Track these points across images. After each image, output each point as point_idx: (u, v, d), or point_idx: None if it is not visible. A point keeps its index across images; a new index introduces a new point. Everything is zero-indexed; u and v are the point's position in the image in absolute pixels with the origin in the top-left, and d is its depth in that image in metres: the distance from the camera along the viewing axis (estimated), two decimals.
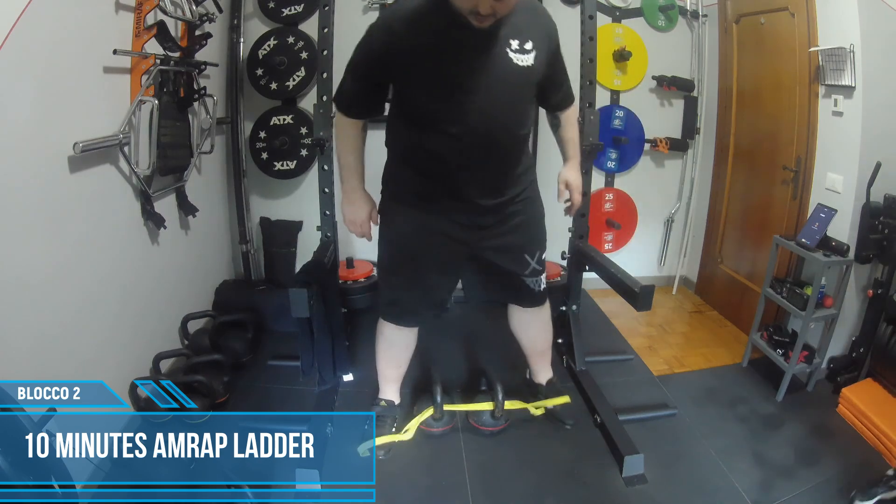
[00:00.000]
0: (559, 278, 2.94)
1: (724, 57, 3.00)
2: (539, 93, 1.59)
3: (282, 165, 2.87)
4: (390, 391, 1.95)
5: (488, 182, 1.54)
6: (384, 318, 1.81)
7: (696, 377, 2.44)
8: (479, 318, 2.78)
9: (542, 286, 1.84)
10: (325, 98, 2.17)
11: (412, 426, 1.90)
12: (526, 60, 1.41)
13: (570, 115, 1.75)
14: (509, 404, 1.96)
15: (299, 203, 3.01)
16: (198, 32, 2.26)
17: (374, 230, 1.72)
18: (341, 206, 1.69)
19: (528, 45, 1.42)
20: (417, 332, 1.88)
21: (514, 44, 1.40)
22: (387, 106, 1.58)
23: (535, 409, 2.02)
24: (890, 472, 1.70)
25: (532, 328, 1.98)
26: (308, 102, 2.82)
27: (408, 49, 1.35)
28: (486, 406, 1.95)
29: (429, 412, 1.93)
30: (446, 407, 1.94)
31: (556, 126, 1.76)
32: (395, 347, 1.86)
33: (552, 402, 2.01)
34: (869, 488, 1.67)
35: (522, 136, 1.57)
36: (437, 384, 1.92)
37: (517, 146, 1.56)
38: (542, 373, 2.08)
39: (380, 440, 1.83)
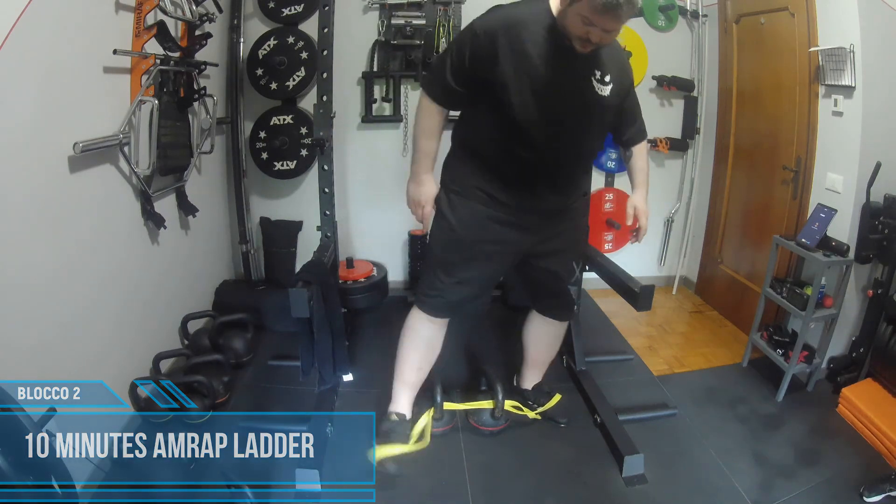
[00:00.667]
0: None
1: (724, 57, 3.00)
2: (614, 126, 1.67)
3: (282, 165, 2.87)
4: (403, 402, 1.85)
5: (552, 192, 1.60)
6: (422, 307, 1.75)
7: (696, 377, 2.44)
8: (481, 322, 2.78)
9: (576, 297, 1.89)
10: (325, 98, 2.17)
11: (425, 432, 1.83)
12: (604, 91, 1.48)
13: (641, 148, 1.77)
14: (509, 404, 1.96)
15: (299, 203, 3.01)
16: (198, 32, 2.26)
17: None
18: (407, 186, 1.68)
19: (607, 78, 1.48)
20: (444, 338, 1.84)
21: (598, 73, 1.46)
22: None
23: (528, 411, 2.03)
24: None
25: (546, 341, 2.01)
26: (308, 102, 2.82)
27: (512, 62, 1.39)
28: (486, 405, 1.95)
29: (430, 413, 1.93)
30: (446, 406, 1.94)
31: (628, 157, 1.79)
32: (422, 345, 1.79)
33: (549, 405, 2.03)
34: (877, 484, 1.68)
35: (588, 162, 1.75)
36: (437, 384, 1.92)
37: (586, 167, 1.74)
38: (531, 379, 2.09)
39: (390, 449, 1.74)
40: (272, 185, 2.99)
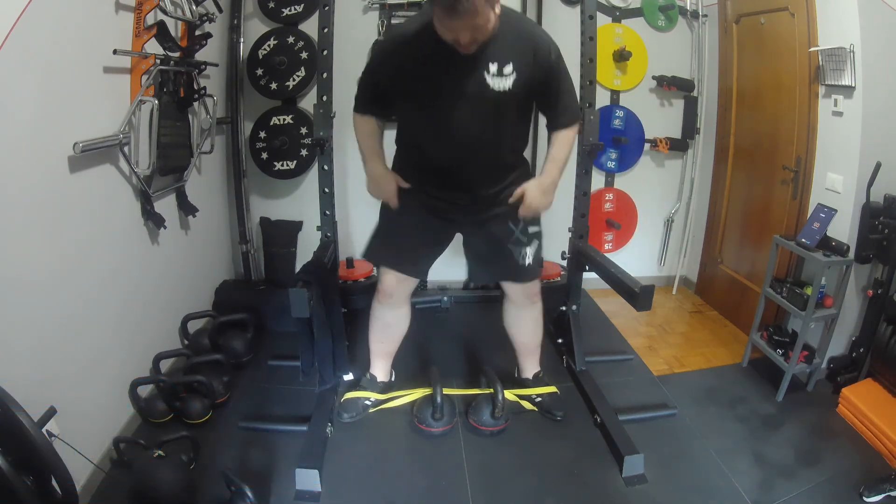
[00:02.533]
0: (559, 278, 2.95)
1: (724, 57, 3.00)
2: (537, 109, 1.71)
3: (282, 165, 2.87)
4: (379, 367, 2.09)
5: (472, 182, 1.71)
6: (369, 258, 1.95)
7: (696, 377, 2.44)
8: (477, 316, 2.79)
9: (527, 260, 1.85)
10: (325, 98, 2.17)
11: (401, 398, 2.04)
12: (503, 84, 1.51)
13: (563, 135, 1.71)
14: (509, 393, 1.99)
15: (299, 203, 3.01)
16: (198, 32, 2.26)
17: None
18: (367, 187, 1.84)
19: (508, 69, 1.50)
20: (409, 316, 2.03)
21: (493, 68, 1.49)
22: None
23: (525, 402, 2.06)
24: None
25: (524, 325, 2.04)
26: (308, 102, 2.82)
27: (399, 63, 1.55)
28: (485, 391, 1.97)
29: (421, 392, 1.98)
30: (445, 391, 1.97)
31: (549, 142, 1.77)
32: (382, 324, 2.00)
33: (540, 391, 2.07)
34: (877, 484, 1.69)
35: (506, 152, 1.71)
36: (436, 384, 1.92)
37: (501, 160, 1.71)
38: (530, 368, 2.12)
39: (357, 393, 2.03)
40: (272, 185, 2.99)
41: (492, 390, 1.93)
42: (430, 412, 1.92)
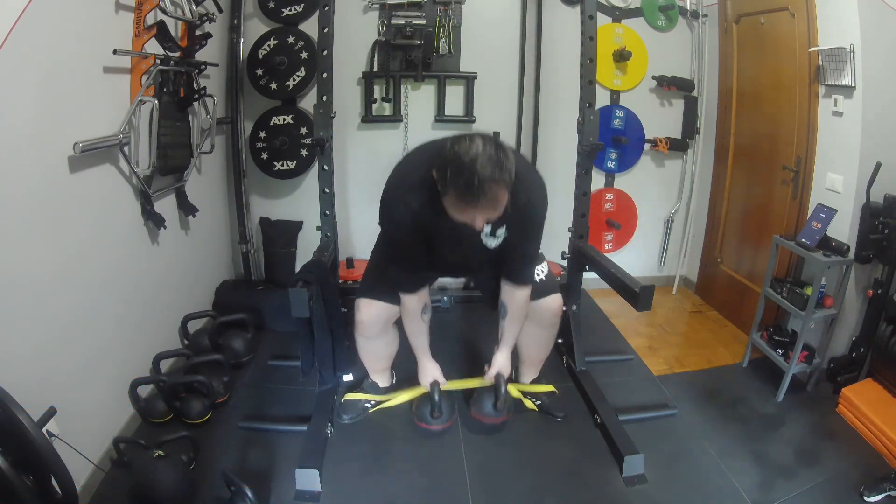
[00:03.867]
0: (559, 278, 2.94)
1: (724, 57, 3.00)
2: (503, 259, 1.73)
3: (282, 165, 2.87)
4: (379, 377, 2.12)
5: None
6: (364, 296, 1.87)
7: (696, 377, 2.44)
8: (477, 316, 2.79)
9: (539, 276, 1.85)
10: (325, 98, 2.17)
11: (399, 397, 2.03)
12: (494, 242, 1.64)
13: (519, 307, 1.77)
14: (511, 387, 1.98)
15: (299, 203, 3.01)
16: (198, 32, 2.26)
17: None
18: (420, 378, 1.95)
19: (500, 231, 1.62)
20: (397, 338, 2.01)
21: (487, 229, 1.59)
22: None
23: (527, 400, 2.06)
24: None
25: (531, 337, 1.98)
26: (308, 102, 2.82)
27: (417, 221, 1.53)
28: (485, 383, 1.94)
29: (420, 391, 1.97)
30: (446, 386, 1.96)
31: (503, 311, 1.80)
32: (369, 353, 2.02)
33: (538, 389, 2.07)
34: (877, 483, 1.69)
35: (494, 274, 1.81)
36: (435, 388, 1.91)
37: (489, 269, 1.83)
38: (529, 375, 2.11)
39: (358, 395, 2.05)
40: (272, 185, 2.99)
41: (492, 382, 1.90)
42: (429, 410, 1.91)
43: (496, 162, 1.26)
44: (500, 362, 1.88)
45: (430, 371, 1.93)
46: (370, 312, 1.84)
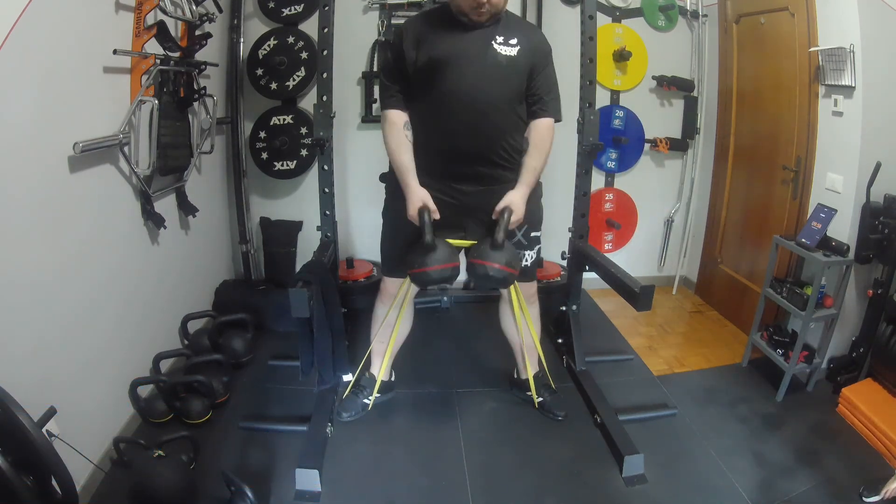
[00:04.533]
0: (559, 278, 2.95)
1: (724, 57, 3.00)
2: (525, 95, 1.73)
3: (282, 165, 2.87)
4: (377, 365, 2.10)
5: (481, 158, 1.72)
6: (390, 275, 1.97)
7: (696, 377, 2.44)
8: (477, 316, 2.79)
9: (527, 263, 1.89)
10: (325, 98, 2.17)
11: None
12: (509, 51, 1.66)
13: (541, 136, 1.74)
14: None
15: (299, 203, 3.01)
16: (198, 32, 2.26)
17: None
18: (408, 209, 1.73)
19: (513, 41, 1.67)
20: (411, 317, 2.06)
21: (500, 38, 1.66)
22: None
23: (532, 385, 2.08)
24: None
25: (515, 324, 2.03)
26: (308, 102, 2.82)
27: (417, 38, 1.67)
28: (468, 243, 1.76)
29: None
30: (451, 243, 1.74)
31: (526, 147, 1.76)
32: (385, 324, 2.02)
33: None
34: (877, 484, 1.68)
35: (509, 112, 1.71)
36: (423, 212, 1.70)
37: (506, 121, 1.72)
38: (529, 368, 2.11)
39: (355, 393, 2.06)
40: (272, 185, 2.99)
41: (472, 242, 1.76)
42: (423, 250, 1.68)
43: None
44: (512, 198, 1.72)
45: (417, 195, 1.70)
46: (394, 282, 1.96)
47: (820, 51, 2.20)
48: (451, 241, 1.75)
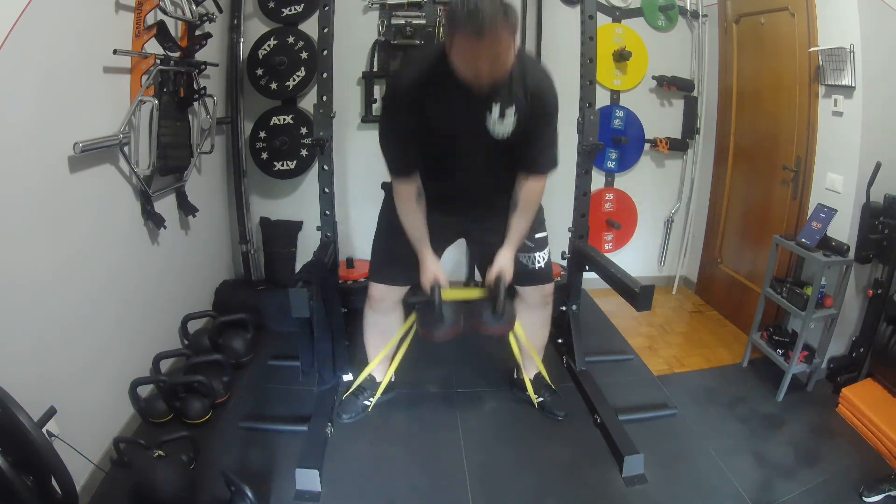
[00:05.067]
0: (559, 278, 2.94)
1: (724, 57, 3.00)
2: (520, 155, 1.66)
3: (282, 165, 2.87)
4: (378, 370, 2.09)
5: (477, 203, 1.77)
6: (375, 280, 1.94)
7: (696, 377, 2.44)
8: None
9: (539, 264, 1.88)
10: (325, 98, 2.17)
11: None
12: (502, 129, 1.55)
13: (529, 196, 1.69)
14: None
15: (299, 203, 3.01)
16: (198, 32, 2.26)
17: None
18: (421, 280, 1.76)
19: (510, 110, 1.53)
20: (402, 319, 2.03)
21: (496, 110, 1.52)
22: None
23: (530, 387, 2.07)
24: None
25: (532, 325, 2.01)
26: (308, 102, 2.82)
27: (417, 103, 1.52)
28: (486, 294, 1.78)
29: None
30: (446, 296, 1.75)
31: (514, 204, 1.71)
32: (378, 330, 2.03)
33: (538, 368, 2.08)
34: (877, 484, 1.68)
35: (506, 175, 1.70)
36: (435, 288, 1.74)
37: (504, 180, 1.72)
38: (530, 369, 2.12)
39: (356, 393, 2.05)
40: (272, 185, 2.99)
41: (484, 292, 1.78)
42: (431, 316, 1.74)
43: (500, 4, 1.28)
44: (501, 262, 1.73)
45: (430, 269, 1.73)
46: (381, 289, 1.93)
47: (820, 51, 2.20)
48: (456, 292, 1.81)
